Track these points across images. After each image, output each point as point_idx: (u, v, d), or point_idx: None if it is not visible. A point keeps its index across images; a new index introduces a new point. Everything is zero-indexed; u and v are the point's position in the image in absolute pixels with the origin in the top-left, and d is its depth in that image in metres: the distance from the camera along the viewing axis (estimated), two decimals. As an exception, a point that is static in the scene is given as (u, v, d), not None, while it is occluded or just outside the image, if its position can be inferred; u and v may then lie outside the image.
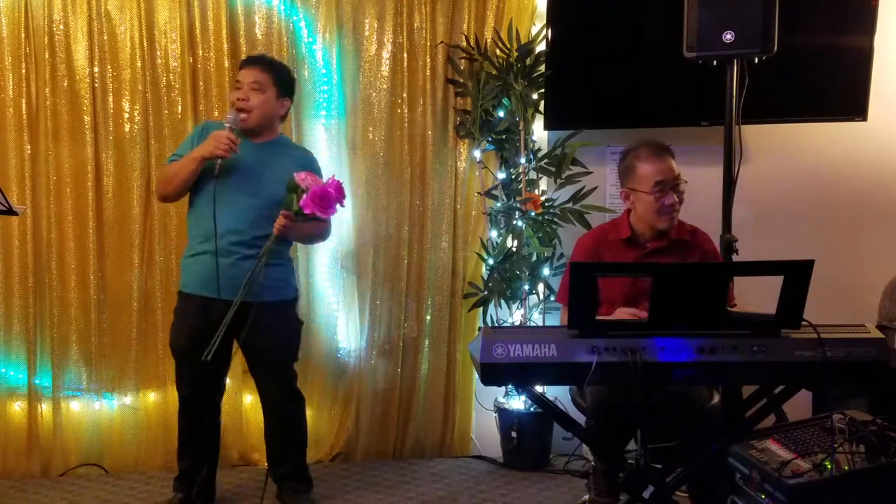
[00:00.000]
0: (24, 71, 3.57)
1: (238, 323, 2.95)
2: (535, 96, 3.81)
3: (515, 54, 3.75)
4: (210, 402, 3.20)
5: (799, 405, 2.92)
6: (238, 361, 3.40)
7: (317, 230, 3.15)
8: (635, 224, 2.87)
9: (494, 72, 3.77)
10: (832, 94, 3.67)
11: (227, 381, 3.34)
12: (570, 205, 3.78)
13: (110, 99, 3.65)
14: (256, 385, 3.27)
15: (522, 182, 3.83)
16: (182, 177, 3.01)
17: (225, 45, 3.66)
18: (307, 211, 2.85)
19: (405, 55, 3.83)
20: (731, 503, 2.66)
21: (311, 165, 3.13)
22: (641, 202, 2.81)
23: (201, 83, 3.69)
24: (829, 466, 2.31)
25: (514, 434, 3.79)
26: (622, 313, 2.62)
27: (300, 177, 2.88)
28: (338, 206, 2.91)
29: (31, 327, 3.62)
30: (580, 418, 2.73)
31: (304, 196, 2.84)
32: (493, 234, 3.89)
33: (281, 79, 3.13)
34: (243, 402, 3.75)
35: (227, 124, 2.98)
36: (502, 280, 3.81)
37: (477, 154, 3.90)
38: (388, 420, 3.90)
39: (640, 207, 2.83)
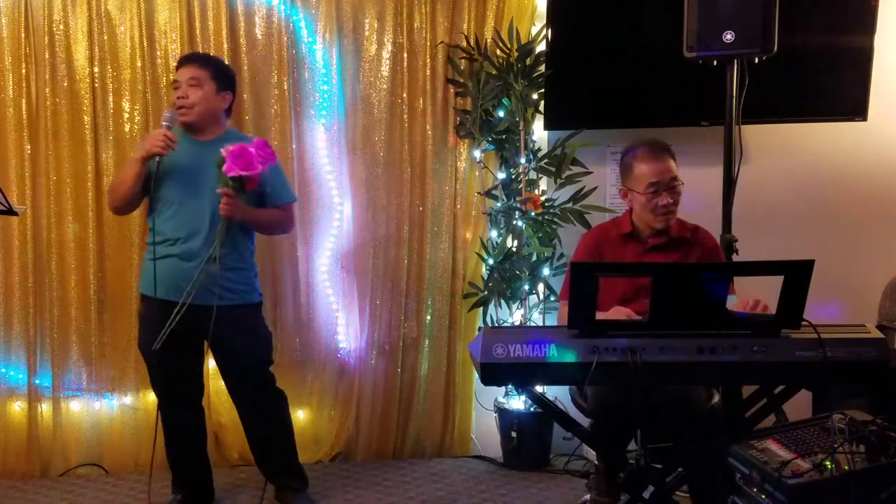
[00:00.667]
0: (24, 71, 3.57)
1: (201, 326, 2.96)
2: (535, 96, 3.80)
3: (515, 54, 3.75)
4: (188, 402, 3.19)
5: (799, 405, 2.92)
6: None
7: (269, 216, 3.13)
8: (636, 221, 2.89)
9: (494, 72, 3.77)
10: (832, 94, 3.67)
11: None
12: (570, 205, 3.78)
13: (110, 99, 3.65)
14: (228, 389, 3.25)
15: (522, 182, 3.83)
16: (127, 183, 2.98)
17: (225, 45, 3.66)
18: (231, 174, 2.81)
19: (405, 55, 3.83)
20: (731, 503, 2.66)
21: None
22: (637, 201, 2.84)
23: (201, 83, 3.68)
24: (829, 466, 2.31)
25: (514, 434, 3.79)
26: (616, 312, 2.63)
27: (224, 149, 2.85)
28: (266, 164, 2.86)
29: (31, 327, 3.62)
30: (580, 418, 2.73)
31: (227, 163, 2.82)
32: (493, 234, 3.89)
33: (219, 73, 3.10)
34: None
35: (163, 122, 2.97)
36: (502, 280, 3.81)
37: (477, 154, 3.90)
38: (388, 420, 3.90)
39: (637, 206, 2.86)
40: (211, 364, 3.44)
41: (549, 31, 3.79)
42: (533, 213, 3.75)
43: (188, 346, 3.09)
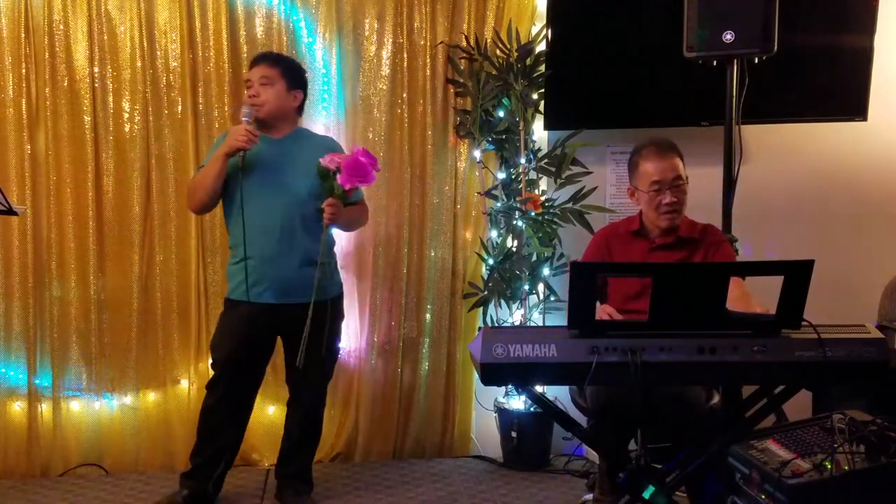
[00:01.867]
0: (24, 71, 3.57)
1: (284, 324, 3.01)
2: (535, 96, 3.80)
3: (515, 54, 3.75)
4: (242, 407, 3.21)
5: (799, 405, 2.92)
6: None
7: (358, 214, 3.22)
8: (644, 220, 2.91)
9: (494, 72, 3.77)
10: (832, 94, 3.67)
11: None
12: (570, 205, 3.78)
13: (110, 99, 3.65)
14: (295, 385, 3.27)
15: (522, 182, 3.83)
16: (209, 180, 3.01)
17: (225, 45, 3.66)
18: (348, 186, 2.87)
19: (405, 55, 3.83)
20: (731, 503, 2.66)
21: (334, 149, 3.16)
22: (642, 200, 2.87)
23: (201, 83, 3.68)
24: (829, 466, 2.31)
25: (514, 434, 3.78)
26: (600, 311, 2.65)
27: (325, 160, 2.91)
28: (374, 171, 2.94)
29: (31, 327, 3.62)
30: (580, 418, 2.73)
31: (339, 175, 2.86)
32: (493, 234, 3.89)
33: (290, 71, 3.15)
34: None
35: (243, 118, 3.01)
36: (502, 280, 3.81)
37: (477, 154, 3.90)
38: (388, 420, 3.90)
39: (642, 205, 2.89)
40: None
41: (549, 31, 3.80)
42: (533, 213, 3.75)
43: (263, 351, 3.15)
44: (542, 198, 3.81)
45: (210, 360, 3.21)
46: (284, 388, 3.35)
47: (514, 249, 3.87)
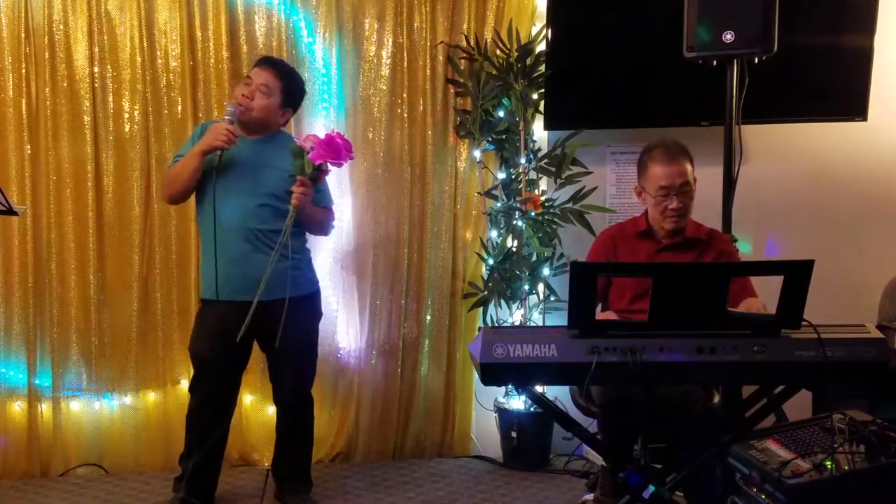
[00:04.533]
0: (24, 71, 3.56)
1: (261, 323, 2.97)
2: (535, 96, 3.80)
3: (515, 54, 3.75)
4: (226, 407, 3.19)
5: (799, 405, 2.92)
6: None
7: (323, 215, 3.18)
8: (650, 220, 2.90)
9: (494, 72, 3.77)
10: (832, 94, 3.67)
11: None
12: (570, 205, 3.78)
13: (110, 99, 3.64)
14: (274, 384, 3.27)
15: (522, 182, 3.83)
16: (185, 175, 3.00)
17: (225, 45, 3.66)
18: (318, 161, 2.85)
19: (405, 55, 3.83)
20: (731, 503, 2.66)
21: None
22: (648, 202, 2.88)
23: (201, 83, 3.68)
24: (829, 466, 2.31)
25: (514, 434, 3.79)
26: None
27: (300, 140, 2.90)
28: (347, 154, 2.92)
29: (31, 327, 3.62)
30: (580, 418, 2.73)
31: (313, 151, 2.85)
32: (493, 234, 3.89)
33: (290, 89, 3.12)
34: (243, 402, 3.74)
35: (226, 116, 2.98)
36: (502, 280, 3.81)
37: (477, 154, 3.90)
38: (388, 420, 3.90)
39: (648, 206, 2.90)
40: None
41: (549, 31, 3.80)
42: (533, 213, 3.76)
43: (240, 352, 3.12)
44: (542, 198, 3.81)
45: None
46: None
47: (514, 249, 3.87)
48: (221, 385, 3.14)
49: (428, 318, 3.92)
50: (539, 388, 3.35)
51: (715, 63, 3.19)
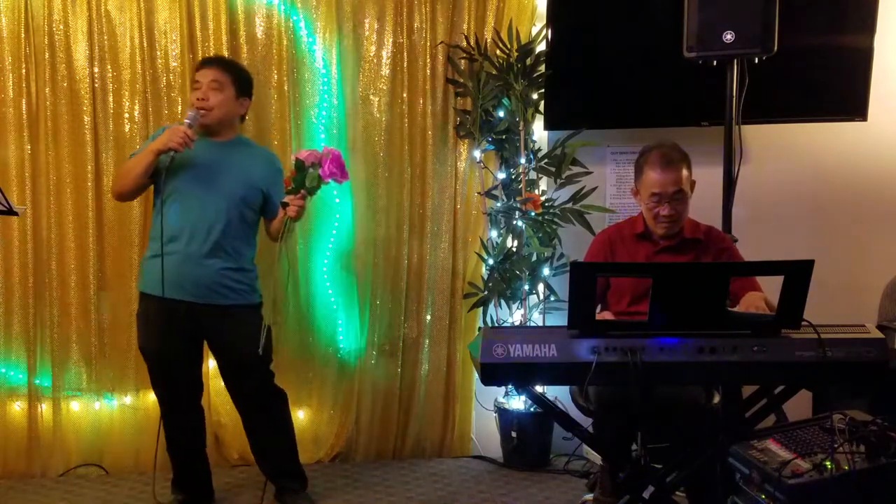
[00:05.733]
0: (24, 71, 3.56)
1: (201, 325, 3.03)
2: (535, 96, 3.80)
3: (515, 54, 3.75)
4: (189, 402, 3.19)
5: (799, 405, 2.92)
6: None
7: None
8: (647, 221, 2.90)
9: (494, 72, 3.77)
10: (832, 94, 3.67)
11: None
12: (570, 205, 3.78)
13: (110, 99, 3.64)
14: (228, 389, 3.26)
15: (522, 182, 3.83)
16: (137, 171, 2.99)
17: (225, 46, 3.66)
18: (328, 178, 2.87)
19: (405, 55, 3.83)
20: (731, 503, 2.66)
21: (276, 163, 3.20)
22: (642, 205, 2.87)
23: (201, 83, 3.68)
24: (829, 466, 2.31)
25: (514, 434, 3.79)
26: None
27: (302, 155, 2.89)
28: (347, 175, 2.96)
29: (31, 327, 3.62)
30: (580, 418, 2.72)
31: (324, 167, 2.86)
32: (493, 234, 3.89)
33: (239, 78, 3.13)
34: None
35: (186, 121, 2.98)
36: (502, 280, 3.81)
37: (477, 154, 3.90)
38: (388, 420, 3.90)
39: (642, 209, 2.87)
40: (211, 364, 3.44)
41: (549, 31, 3.80)
42: (533, 213, 3.75)
43: (189, 347, 3.11)
44: (542, 198, 3.81)
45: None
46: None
47: (514, 249, 3.87)
48: (174, 378, 3.12)
49: (428, 318, 3.92)
50: (539, 388, 3.35)
51: (715, 63, 3.19)
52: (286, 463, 3.30)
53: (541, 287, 3.86)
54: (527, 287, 3.82)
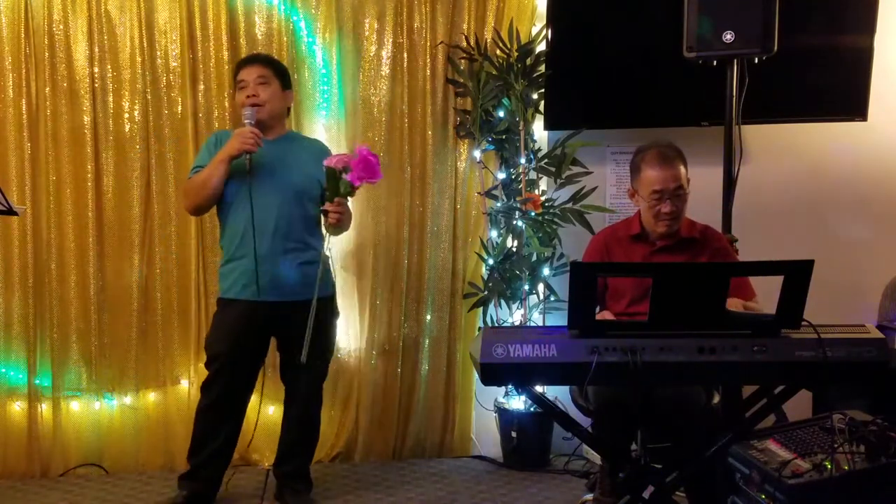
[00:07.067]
0: (24, 71, 3.56)
1: (282, 322, 3.06)
2: (535, 96, 3.81)
3: (515, 54, 3.75)
4: (241, 405, 3.21)
5: (799, 405, 2.92)
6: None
7: (348, 218, 3.21)
8: (644, 222, 2.89)
9: (494, 72, 3.77)
10: (832, 94, 3.67)
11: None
12: (570, 205, 3.78)
13: (110, 99, 3.64)
14: (289, 385, 3.28)
15: (522, 182, 3.83)
16: (213, 182, 3.02)
17: (225, 45, 3.66)
18: (358, 183, 2.90)
19: (405, 55, 3.83)
20: (731, 503, 2.66)
21: (327, 152, 3.24)
22: (641, 205, 2.86)
23: (201, 83, 3.69)
24: (829, 466, 2.31)
25: (514, 434, 3.79)
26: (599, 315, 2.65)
27: (332, 161, 2.92)
28: (379, 169, 2.97)
29: (31, 327, 3.61)
30: (580, 418, 2.72)
31: (350, 173, 2.88)
32: (493, 234, 3.89)
33: (281, 72, 3.21)
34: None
35: (246, 121, 3.03)
36: (502, 280, 3.81)
37: (477, 154, 3.90)
38: (388, 420, 3.90)
39: (641, 209, 2.87)
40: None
41: (549, 31, 3.80)
42: (533, 213, 3.76)
43: (259, 348, 3.17)
44: (542, 198, 3.81)
45: (205, 360, 3.20)
46: (283, 388, 3.34)
47: (514, 249, 3.87)
48: (235, 386, 3.15)
49: (428, 318, 3.92)
50: (539, 388, 3.35)
51: (715, 63, 3.19)
52: (305, 466, 3.33)
53: (541, 287, 3.86)
54: (527, 287, 3.82)
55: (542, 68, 3.78)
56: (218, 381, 3.12)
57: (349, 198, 3.03)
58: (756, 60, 3.18)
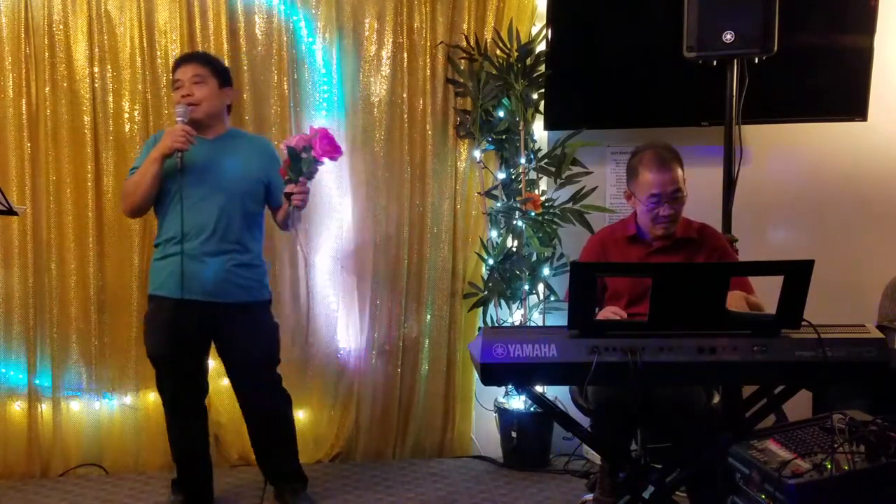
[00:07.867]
0: (24, 71, 3.57)
1: (212, 324, 3.02)
2: (535, 96, 3.81)
3: (515, 54, 3.75)
4: (195, 404, 3.19)
5: (799, 405, 2.92)
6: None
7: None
8: (640, 224, 2.88)
9: (494, 72, 3.77)
10: (832, 94, 3.67)
11: (226, 381, 3.35)
12: (570, 205, 3.78)
13: (110, 99, 3.65)
14: (235, 389, 3.23)
15: (522, 182, 3.83)
16: (146, 183, 2.97)
17: (225, 45, 3.66)
18: (322, 158, 2.84)
19: (405, 55, 3.83)
20: (731, 503, 2.66)
21: (271, 149, 3.19)
22: (639, 208, 2.84)
23: (201, 83, 3.68)
24: (829, 466, 2.31)
25: (514, 434, 3.79)
26: (606, 312, 2.64)
27: (292, 142, 2.87)
28: (340, 151, 2.93)
29: (31, 327, 3.62)
30: (580, 418, 2.72)
31: (316, 148, 2.83)
32: (493, 234, 3.89)
33: (218, 70, 3.13)
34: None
35: (178, 118, 2.97)
36: (502, 280, 3.81)
37: (477, 154, 3.90)
38: (388, 420, 3.90)
39: (638, 211, 2.85)
40: (210, 364, 3.43)
41: (549, 31, 3.80)
42: (533, 213, 3.76)
43: (198, 347, 3.12)
44: (542, 198, 3.81)
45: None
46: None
47: (514, 249, 3.87)
48: (182, 387, 3.11)
49: (428, 318, 3.92)
50: (539, 388, 3.35)
51: (715, 63, 3.19)
52: (288, 464, 3.30)
53: (541, 287, 3.86)
54: (527, 287, 3.82)
55: (542, 68, 3.78)
56: (167, 381, 3.10)
57: (310, 179, 2.94)
58: (756, 60, 3.18)
